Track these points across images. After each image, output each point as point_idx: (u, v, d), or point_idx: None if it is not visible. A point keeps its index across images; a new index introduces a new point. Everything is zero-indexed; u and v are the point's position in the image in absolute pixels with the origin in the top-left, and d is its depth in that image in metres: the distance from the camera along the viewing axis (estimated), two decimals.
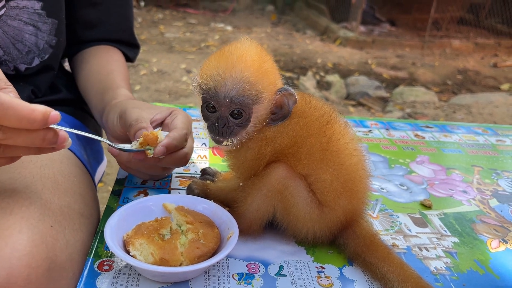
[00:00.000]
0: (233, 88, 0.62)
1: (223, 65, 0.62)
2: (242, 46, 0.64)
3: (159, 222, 0.66)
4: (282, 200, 0.66)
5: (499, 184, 0.98)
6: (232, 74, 0.62)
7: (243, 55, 0.63)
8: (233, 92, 0.62)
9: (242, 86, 0.61)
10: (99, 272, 0.62)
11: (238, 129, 0.65)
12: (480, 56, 5.53)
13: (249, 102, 0.62)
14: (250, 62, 0.62)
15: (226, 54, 0.63)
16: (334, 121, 0.67)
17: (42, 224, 0.61)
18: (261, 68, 0.63)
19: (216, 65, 0.63)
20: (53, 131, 0.56)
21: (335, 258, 0.69)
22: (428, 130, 1.23)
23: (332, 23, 6.07)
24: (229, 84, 0.62)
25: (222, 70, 0.62)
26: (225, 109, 0.63)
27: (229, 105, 0.63)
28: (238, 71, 0.61)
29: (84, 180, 0.81)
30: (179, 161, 0.75)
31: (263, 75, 0.63)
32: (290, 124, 0.66)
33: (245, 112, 0.63)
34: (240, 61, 0.62)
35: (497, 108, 3.75)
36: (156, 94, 3.66)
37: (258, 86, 0.62)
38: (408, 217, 0.82)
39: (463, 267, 0.70)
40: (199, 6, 7.07)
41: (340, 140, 0.66)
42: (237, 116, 0.64)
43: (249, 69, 0.62)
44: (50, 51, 0.94)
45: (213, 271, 0.64)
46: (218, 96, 0.62)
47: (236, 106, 0.63)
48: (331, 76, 4.21)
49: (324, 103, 0.69)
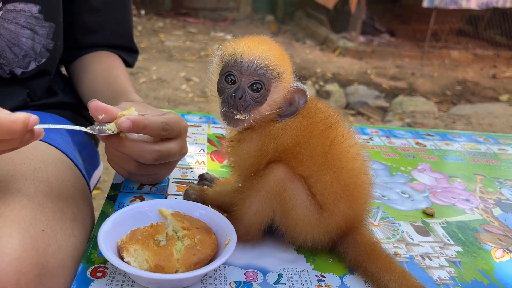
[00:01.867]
0: (259, 57, 0.63)
1: (250, 41, 0.65)
2: (261, 37, 0.67)
3: (155, 227, 0.64)
4: (281, 202, 0.64)
5: (502, 193, 0.96)
6: (259, 47, 0.64)
7: (267, 40, 0.66)
8: (259, 61, 0.63)
9: (267, 59, 0.63)
10: (92, 278, 0.60)
11: (253, 105, 0.64)
12: (479, 67, 5.54)
13: (271, 76, 0.63)
14: (274, 46, 0.66)
15: (247, 38, 0.66)
16: (338, 124, 0.66)
17: (34, 228, 0.60)
18: (283, 54, 0.67)
19: (242, 42, 0.65)
20: (30, 132, 0.57)
21: (336, 267, 0.67)
22: (429, 138, 1.22)
23: (331, 33, 6.09)
24: (256, 53, 0.63)
25: (249, 44, 0.64)
26: (246, 79, 0.63)
27: (252, 74, 0.63)
28: (265, 46, 0.64)
29: (78, 184, 0.79)
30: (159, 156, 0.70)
31: (285, 61, 0.66)
32: (294, 123, 0.65)
33: (265, 86, 0.63)
34: (266, 42, 0.66)
35: (496, 119, 3.74)
36: (155, 101, 3.65)
37: (280, 67, 0.64)
38: (410, 225, 0.80)
39: (467, 277, 0.68)
40: (199, 15, 7.10)
41: (342, 144, 0.65)
42: (256, 90, 0.63)
43: (273, 49, 0.65)
44: (47, 55, 0.93)
45: (209, 279, 0.62)
46: (242, 64, 0.63)
47: (259, 77, 0.63)
48: (330, 86, 4.21)
49: (330, 107, 0.68)
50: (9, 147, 0.56)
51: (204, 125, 1.13)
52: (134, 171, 0.74)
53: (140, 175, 0.77)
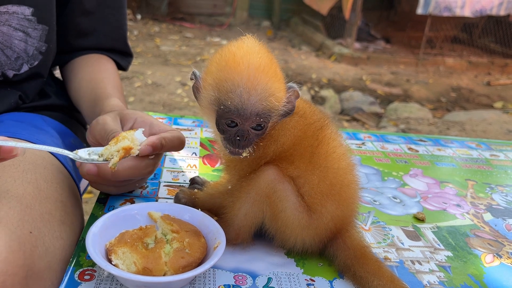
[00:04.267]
0: (260, 103, 0.59)
1: (244, 78, 0.58)
2: (250, 49, 0.60)
3: (144, 230, 0.64)
4: (271, 204, 0.64)
5: (493, 198, 0.96)
6: (257, 89, 0.58)
7: (259, 63, 0.59)
8: (259, 108, 0.59)
9: (268, 101, 0.59)
10: (80, 281, 0.59)
11: (255, 138, 0.62)
12: (473, 74, 5.58)
13: (274, 113, 0.61)
14: (269, 71, 0.60)
15: (238, 61, 0.59)
16: (327, 127, 0.67)
17: (21, 230, 0.59)
18: (276, 72, 0.61)
19: (233, 76, 0.58)
20: None
21: (326, 271, 0.67)
22: (422, 144, 1.22)
23: (327, 39, 6.12)
24: (255, 100, 0.58)
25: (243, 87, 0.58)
26: (249, 123, 0.60)
27: (254, 119, 0.60)
28: (262, 85, 0.58)
29: (67, 187, 0.79)
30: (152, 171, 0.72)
31: (279, 80, 0.61)
32: (291, 123, 0.65)
33: (267, 122, 0.61)
34: (260, 71, 0.59)
35: (490, 125, 3.76)
36: (150, 106, 3.64)
37: (280, 95, 0.61)
38: (401, 230, 0.80)
39: (457, 282, 0.68)
40: (196, 20, 7.11)
41: (329, 144, 0.66)
42: (259, 128, 0.61)
43: (270, 80, 0.59)
44: (40, 57, 0.92)
45: (198, 282, 0.62)
46: (244, 112, 0.58)
47: (261, 120, 0.60)
48: (325, 91, 4.22)
49: (320, 110, 0.70)
50: None
51: (197, 129, 1.13)
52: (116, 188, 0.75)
53: (126, 185, 0.77)
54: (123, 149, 0.64)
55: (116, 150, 0.64)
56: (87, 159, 0.65)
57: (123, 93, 0.98)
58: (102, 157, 0.64)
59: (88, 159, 0.65)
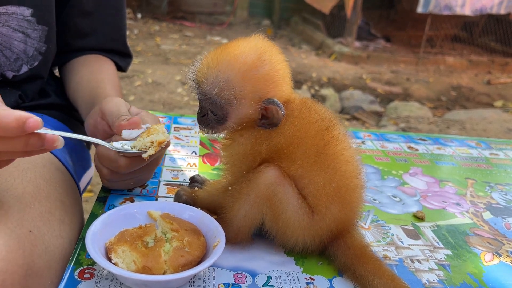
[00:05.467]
0: (211, 86, 0.62)
1: (215, 60, 0.62)
2: (248, 44, 0.63)
3: (143, 229, 0.64)
4: (271, 207, 0.64)
5: (492, 197, 0.96)
6: (214, 72, 0.61)
7: (240, 54, 0.61)
8: (210, 90, 0.62)
9: (219, 87, 0.61)
10: (79, 280, 0.59)
11: (215, 124, 0.65)
12: (474, 73, 5.57)
13: (223, 104, 0.62)
14: (239, 64, 0.61)
15: (228, 48, 0.63)
16: (334, 127, 0.66)
17: (20, 229, 0.59)
18: (250, 72, 0.61)
19: (211, 57, 0.63)
20: (36, 136, 0.53)
21: (325, 269, 0.67)
22: (422, 143, 1.22)
23: (327, 38, 6.11)
24: (208, 82, 0.62)
25: (210, 65, 0.62)
26: (206, 103, 0.64)
27: (206, 100, 0.63)
28: (221, 70, 0.61)
29: (67, 186, 0.79)
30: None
31: (249, 81, 0.61)
32: (286, 124, 0.64)
33: (220, 111, 0.63)
34: (230, 60, 0.61)
35: (490, 124, 3.76)
36: (150, 104, 3.64)
37: (237, 91, 0.61)
38: (401, 228, 0.80)
39: (456, 280, 0.68)
40: (196, 19, 7.10)
41: (337, 146, 0.65)
42: (215, 113, 0.64)
43: (233, 71, 0.61)
44: (40, 58, 0.92)
45: (198, 281, 0.62)
46: (198, 90, 0.63)
47: (211, 105, 0.63)
48: (325, 90, 4.21)
49: (327, 110, 0.68)
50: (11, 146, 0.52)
51: (197, 127, 1.13)
52: (115, 178, 0.75)
53: (124, 180, 0.77)
54: (158, 143, 0.67)
55: (150, 142, 0.67)
56: (120, 149, 0.67)
57: (122, 94, 0.98)
58: (135, 148, 0.67)
59: (121, 149, 0.67)
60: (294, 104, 0.65)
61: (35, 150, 0.54)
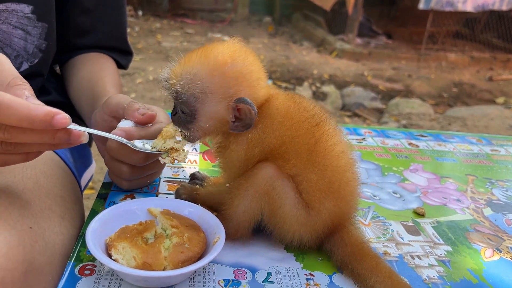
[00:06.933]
0: (178, 80, 0.62)
1: (187, 58, 0.63)
2: (222, 46, 0.63)
3: (143, 225, 0.64)
4: (269, 201, 0.64)
5: (493, 193, 0.96)
6: (184, 68, 0.62)
7: (212, 53, 0.62)
8: (177, 84, 0.62)
9: (186, 80, 0.61)
10: (80, 276, 0.60)
11: (185, 123, 0.65)
12: (475, 69, 5.56)
13: (191, 100, 0.62)
14: (209, 60, 0.61)
15: (202, 48, 0.63)
16: (324, 123, 0.66)
17: (21, 225, 0.59)
18: (220, 68, 0.61)
19: (185, 57, 0.63)
20: (63, 130, 0.55)
21: (325, 265, 0.67)
22: (422, 139, 1.22)
23: (328, 35, 6.10)
24: (177, 77, 0.62)
25: (181, 63, 0.62)
26: (176, 101, 0.64)
27: (175, 98, 0.63)
28: (191, 66, 0.61)
29: (67, 182, 0.79)
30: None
31: (219, 76, 0.61)
32: (274, 124, 0.64)
33: (188, 108, 0.63)
34: (201, 57, 0.62)
35: (492, 121, 3.76)
36: (152, 102, 3.64)
37: (204, 84, 0.61)
38: (401, 224, 0.80)
39: (456, 276, 0.68)
40: (197, 16, 7.10)
41: (327, 142, 0.65)
42: (183, 110, 0.63)
43: (202, 66, 0.61)
44: (40, 55, 0.92)
45: (198, 277, 0.62)
46: (168, 85, 0.63)
47: (178, 100, 0.63)
48: (327, 87, 4.21)
49: (315, 105, 0.68)
50: (38, 139, 0.54)
51: None
52: (136, 175, 0.75)
53: (138, 178, 0.77)
54: (171, 153, 0.68)
55: (170, 148, 0.67)
56: (141, 148, 0.68)
57: (122, 92, 0.98)
58: (155, 148, 0.68)
59: (142, 148, 0.68)
60: (278, 101, 0.65)
61: (63, 143, 0.56)
